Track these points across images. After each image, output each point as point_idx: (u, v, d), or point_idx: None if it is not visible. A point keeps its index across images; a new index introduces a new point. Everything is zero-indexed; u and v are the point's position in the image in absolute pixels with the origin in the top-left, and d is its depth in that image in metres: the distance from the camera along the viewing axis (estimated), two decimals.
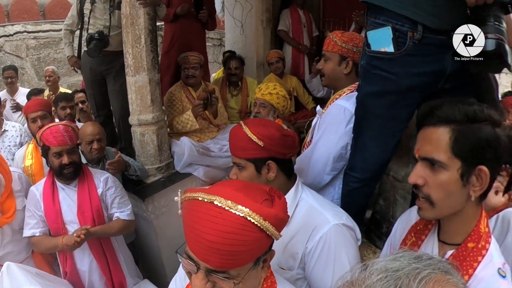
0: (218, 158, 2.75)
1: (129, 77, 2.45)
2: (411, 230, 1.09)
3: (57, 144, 1.84)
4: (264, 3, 3.85)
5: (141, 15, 2.34)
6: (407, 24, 1.17)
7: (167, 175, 2.60)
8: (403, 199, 1.83)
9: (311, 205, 1.20)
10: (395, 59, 1.22)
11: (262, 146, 1.18)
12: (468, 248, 0.89)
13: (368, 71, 1.34)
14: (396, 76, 1.25)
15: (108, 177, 2.06)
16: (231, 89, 3.45)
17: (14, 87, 4.18)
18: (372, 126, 1.41)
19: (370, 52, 1.29)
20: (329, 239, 1.12)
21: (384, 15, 1.21)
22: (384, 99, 1.33)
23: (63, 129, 1.87)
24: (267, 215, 0.75)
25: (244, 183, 0.88)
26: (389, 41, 1.20)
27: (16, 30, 5.33)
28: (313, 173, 1.61)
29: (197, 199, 0.76)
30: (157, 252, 2.56)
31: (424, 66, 1.22)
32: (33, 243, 1.93)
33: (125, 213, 2.07)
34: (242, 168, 1.22)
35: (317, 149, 1.62)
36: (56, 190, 1.92)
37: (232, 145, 1.26)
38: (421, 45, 1.18)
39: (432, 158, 0.88)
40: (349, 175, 1.57)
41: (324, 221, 1.14)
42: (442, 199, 0.88)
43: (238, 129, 1.25)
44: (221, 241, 0.71)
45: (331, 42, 1.66)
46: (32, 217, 1.91)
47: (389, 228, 1.90)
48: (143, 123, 2.47)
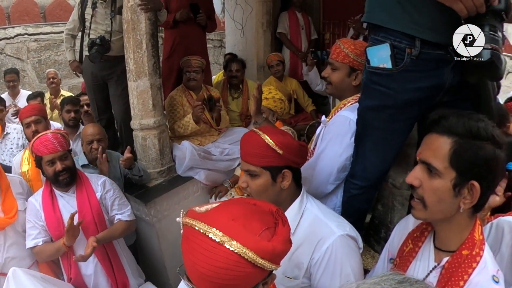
0: (219, 161, 2.77)
1: (130, 82, 2.47)
2: (409, 237, 1.12)
3: (48, 152, 1.85)
4: (265, 6, 3.87)
5: (142, 20, 2.36)
6: (405, 40, 1.19)
7: (169, 179, 2.63)
8: (401, 206, 1.85)
9: (316, 216, 1.22)
10: (393, 75, 1.25)
11: (281, 154, 1.18)
12: (463, 255, 0.92)
13: (368, 86, 1.37)
14: (394, 92, 1.28)
15: (105, 180, 2.09)
16: (232, 92, 3.46)
17: (16, 90, 4.21)
18: (372, 137, 1.44)
19: (370, 68, 1.32)
20: (335, 250, 1.14)
21: (383, 31, 1.24)
22: (383, 113, 1.36)
23: (52, 136, 1.88)
24: (263, 251, 0.72)
25: (246, 208, 0.82)
26: (387, 58, 1.23)
27: (17, 32, 5.35)
28: (316, 183, 1.63)
29: (194, 227, 0.75)
30: (159, 256, 2.58)
31: (422, 81, 1.24)
32: (36, 253, 1.94)
33: (125, 214, 2.10)
34: (255, 176, 1.21)
35: (321, 160, 1.63)
36: (55, 198, 1.94)
37: (246, 152, 1.23)
38: (419, 60, 1.20)
39: (430, 163, 0.92)
40: (350, 182, 1.59)
41: (329, 232, 1.16)
42: (434, 203, 0.93)
43: (255, 136, 1.23)
44: (213, 275, 0.71)
45: (341, 52, 1.63)
46: (33, 227, 1.92)
47: (387, 233, 1.93)
48: (144, 127, 2.49)
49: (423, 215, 0.98)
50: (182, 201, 2.63)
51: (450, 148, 0.88)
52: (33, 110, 2.52)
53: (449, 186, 0.90)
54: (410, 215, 1.18)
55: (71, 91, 5.45)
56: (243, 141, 1.27)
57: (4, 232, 1.93)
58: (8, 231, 1.94)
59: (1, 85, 5.02)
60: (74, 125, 2.97)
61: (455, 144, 0.88)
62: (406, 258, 1.09)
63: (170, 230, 2.56)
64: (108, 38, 2.72)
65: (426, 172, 0.93)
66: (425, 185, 0.93)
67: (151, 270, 2.69)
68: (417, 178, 0.95)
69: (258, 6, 3.83)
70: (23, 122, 2.47)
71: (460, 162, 0.88)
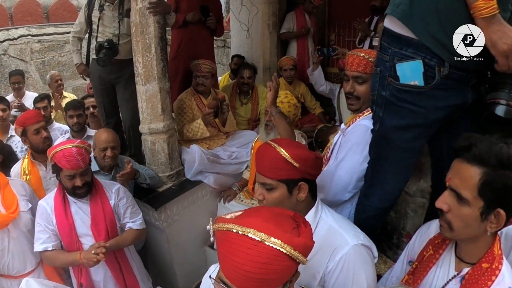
0: (227, 165, 2.76)
1: (139, 86, 2.46)
2: (429, 243, 1.16)
3: (70, 168, 1.79)
4: (271, 7, 3.84)
5: (151, 23, 2.34)
6: (435, 59, 1.16)
7: (178, 183, 2.62)
8: (414, 213, 1.86)
9: (330, 226, 1.23)
10: (425, 92, 1.21)
11: (297, 167, 1.18)
12: (483, 268, 0.98)
13: (394, 104, 1.29)
14: (425, 110, 1.25)
15: (119, 188, 2.06)
16: (241, 97, 3.41)
17: (21, 92, 4.19)
18: (394, 159, 1.40)
19: (398, 85, 1.25)
20: (349, 260, 1.15)
21: (412, 47, 1.18)
22: (411, 132, 1.32)
23: (76, 152, 1.80)
24: (297, 245, 0.81)
25: (271, 212, 0.90)
26: (420, 75, 1.19)
27: (20, 33, 5.32)
28: (334, 191, 1.62)
29: (231, 231, 0.81)
30: (169, 260, 2.58)
31: (449, 100, 1.23)
32: (46, 258, 1.92)
33: (137, 223, 2.08)
34: (272, 189, 1.21)
35: (340, 168, 1.62)
36: (67, 204, 1.91)
37: (262, 165, 1.23)
38: (446, 79, 1.18)
39: (459, 192, 0.95)
40: (365, 204, 1.56)
41: (344, 242, 1.18)
42: (461, 228, 0.97)
43: (270, 150, 1.22)
44: (256, 271, 0.77)
45: (369, 64, 1.53)
46: (43, 231, 1.89)
47: (399, 240, 1.95)
48: (154, 131, 2.48)
49: (449, 235, 1.02)
50: (191, 206, 2.62)
51: (480, 178, 0.91)
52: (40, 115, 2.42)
53: (476, 214, 0.93)
54: (433, 221, 1.22)
55: (75, 92, 5.44)
56: (258, 154, 1.26)
57: (8, 232, 1.91)
58: (11, 231, 1.92)
59: (6, 86, 5.00)
60: (79, 130, 2.94)
61: (484, 175, 0.90)
62: (426, 263, 1.13)
63: (180, 234, 2.56)
64: (116, 42, 2.70)
65: (455, 198, 0.96)
66: (454, 211, 0.97)
67: (160, 275, 2.69)
68: (446, 203, 0.98)
69: (264, 7, 3.81)
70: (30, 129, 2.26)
71: (488, 193, 0.91)
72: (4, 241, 1.91)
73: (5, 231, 1.90)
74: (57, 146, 1.84)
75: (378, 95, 1.33)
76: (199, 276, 2.86)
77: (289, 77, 3.61)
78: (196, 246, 2.72)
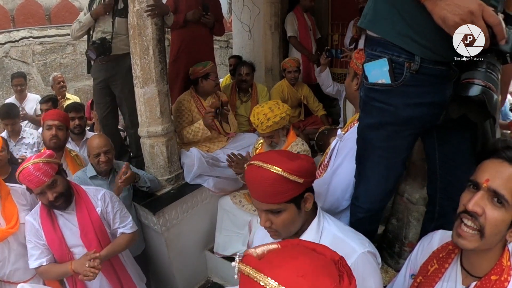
0: (227, 168, 2.71)
1: (137, 89, 2.43)
2: (433, 256, 1.11)
3: (34, 186, 1.73)
4: (273, 8, 3.79)
5: (149, 25, 2.31)
6: (403, 54, 1.14)
7: (177, 187, 2.59)
8: (416, 221, 1.80)
9: (335, 235, 1.19)
10: (392, 90, 1.20)
11: (302, 182, 1.09)
12: (492, 281, 0.94)
13: (367, 103, 1.31)
14: (394, 108, 1.23)
15: (104, 193, 2.00)
16: (240, 95, 3.40)
17: (23, 94, 4.20)
18: (372, 157, 1.38)
19: (368, 84, 1.27)
20: (358, 268, 1.11)
21: (381, 46, 1.18)
22: (383, 130, 1.30)
23: (33, 168, 1.70)
24: None
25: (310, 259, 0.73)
26: (386, 73, 1.17)
27: (22, 35, 5.32)
28: (331, 199, 1.58)
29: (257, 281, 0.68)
30: (168, 264, 2.55)
31: (422, 97, 1.18)
32: (41, 273, 1.89)
33: (128, 227, 2.03)
34: (279, 212, 1.11)
35: (337, 175, 1.59)
36: (54, 217, 1.86)
37: (262, 193, 1.10)
38: (419, 75, 1.14)
39: (502, 194, 0.88)
40: (355, 205, 1.54)
41: (351, 251, 1.13)
42: (492, 235, 0.90)
43: (266, 173, 1.07)
44: None
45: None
46: (35, 247, 1.85)
47: (401, 248, 1.90)
48: (152, 135, 2.45)
49: (475, 245, 0.92)
50: (190, 209, 2.59)
51: None
52: (59, 115, 2.46)
53: (510, 219, 0.88)
54: (435, 233, 1.17)
55: (77, 94, 5.44)
56: (253, 182, 1.11)
57: (8, 244, 1.89)
58: (11, 243, 1.90)
59: (8, 88, 5.01)
60: (80, 132, 2.94)
61: None
62: (431, 278, 1.08)
63: (179, 239, 2.53)
64: (109, 39, 2.72)
65: (489, 200, 0.89)
66: (489, 214, 0.89)
67: (160, 279, 2.67)
68: (480, 205, 0.90)
69: (265, 7, 3.77)
70: (45, 123, 2.39)
71: None
72: (4, 252, 1.89)
73: (5, 243, 1.88)
74: (20, 166, 1.77)
75: (360, 97, 1.38)
76: (198, 281, 2.85)
77: (293, 79, 3.55)
78: (195, 250, 2.69)
